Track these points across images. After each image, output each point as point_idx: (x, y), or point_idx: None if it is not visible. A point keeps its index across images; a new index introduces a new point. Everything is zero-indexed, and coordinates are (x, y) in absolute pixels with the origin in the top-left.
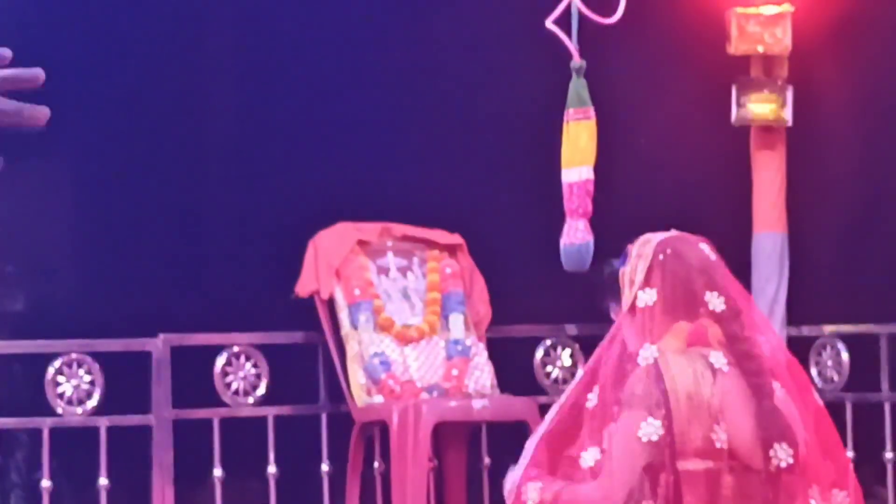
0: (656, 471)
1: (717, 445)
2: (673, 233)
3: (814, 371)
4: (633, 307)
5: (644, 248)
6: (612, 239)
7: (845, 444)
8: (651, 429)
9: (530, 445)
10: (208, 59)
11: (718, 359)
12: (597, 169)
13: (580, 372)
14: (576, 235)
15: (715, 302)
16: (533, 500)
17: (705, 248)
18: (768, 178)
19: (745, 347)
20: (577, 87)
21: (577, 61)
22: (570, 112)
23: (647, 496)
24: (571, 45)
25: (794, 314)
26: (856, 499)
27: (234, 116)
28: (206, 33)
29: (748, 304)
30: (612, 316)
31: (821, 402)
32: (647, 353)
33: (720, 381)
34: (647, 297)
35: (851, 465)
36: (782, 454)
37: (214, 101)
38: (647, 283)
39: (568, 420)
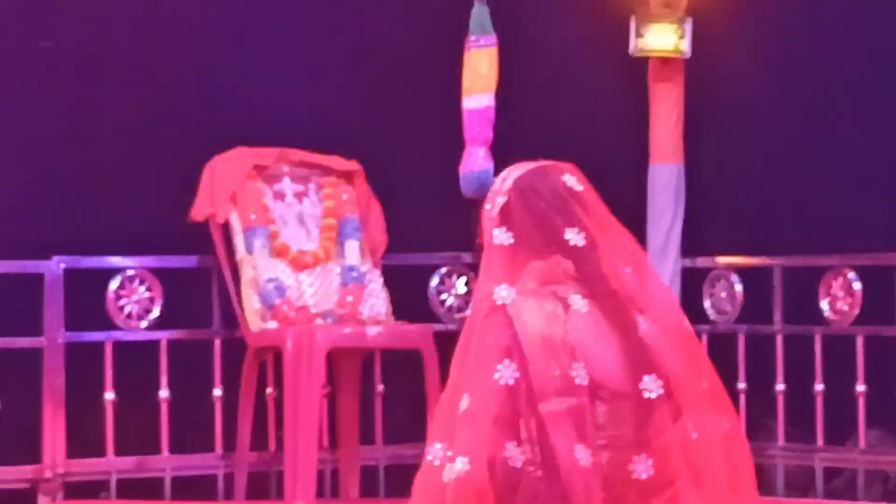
0: (512, 418)
1: (577, 382)
2: (536, 164)
3: (707, 303)
4: (490, 245)
5: (502, 185)
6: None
7: (737, 376)
8: (501, 375)
9: None
10: None
11: (576, 301)
12: (497, 97)
13: None
14: (475, 163)
15: (576, 238)
16: (434, 456)
17: (569, 178)
18: (665, 109)
19: (602, 286)
20: (480, 14)
21: None
22: (471, 39)
23: (506, 442)
24: None
25: (689, 246)
26: (733, 425)
27: (130, 39)
28: None
29: (611, 232)
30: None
31: (690, 328)
32: (503, 293)
33: (574, 318)
34: (504, 236)
35: (725, 390)
36: (652, 385)
37: (111, 24)
38: (502, 222)
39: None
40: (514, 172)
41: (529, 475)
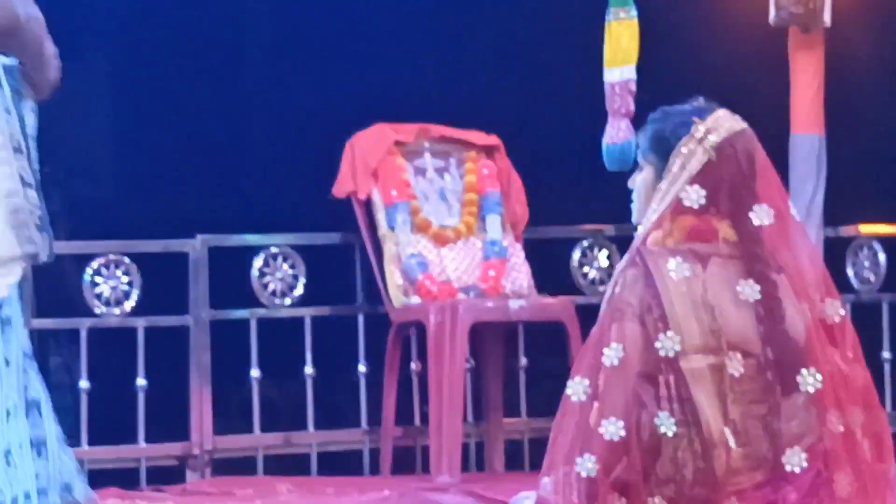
0: (652, 375)
1: (716, 340)
2: (740, 124)
3: (850, 272)
4: (676, 201)
5: (711, 136)
6: None
7: (881, 346)
8: (641, 335)
9: None
10: None
11: (746, 289)
12: (637, 69)
13: None
14: (618, 135)
15: (762, 214)
16: (574, 392)
17: (759, 149)
18: (806, 78)
19: (762, 267)
20: None
21: None
22: (613, 11)
23: (650, 401)
24: None
25: (832, 215)
26: (874, 415)
27: (272, 17)
28: None
29: (788, 212)
30: (640, 160)
31: (841, 318)
32: (671, 265)
33: (712, 277)
34: (696, 195)
35: (871, 383)
36: (811, 379)
37: (252, 2)
38: (699, 178)
39: None
40: (724, 125)
41: (675, 438)
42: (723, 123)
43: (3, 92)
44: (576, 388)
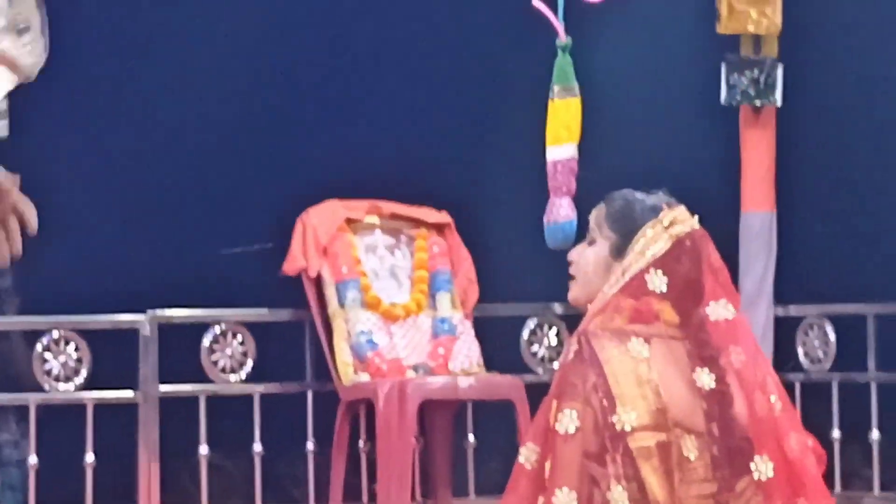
0: (599, 454)
1: (666, 420)
2: (697, 224)
3: (801, 350)
4: (637, 280)
5: (674, 228)
6: None
7: (831, 425)
8: (584, 416)
9: None
10: (195, 36)
11: (702, 377)
12: (582, 147)
13: None
14: (559, 213)
15: (717, 310)
16: (526, 458)
17: (713, 250)
18: (757, 156)
19: (709, 353)
20: (563, 64)
21: (562, 39)
22: (555, 89)
23: (601, 478)
24: (557, 23)
25: (782, 293)
26: None
27: (222, 93)
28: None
29: (739, 311)
30: (594, 235)
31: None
32: (638, 348)
33: (656, 357)
34: (658, 280)
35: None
36: (763, 468)
37: (202, 78)
38: (660, 263)
39: None
40: (686, 219)
41: None
42: (686, 218)
43: None
44: (527, 455)
